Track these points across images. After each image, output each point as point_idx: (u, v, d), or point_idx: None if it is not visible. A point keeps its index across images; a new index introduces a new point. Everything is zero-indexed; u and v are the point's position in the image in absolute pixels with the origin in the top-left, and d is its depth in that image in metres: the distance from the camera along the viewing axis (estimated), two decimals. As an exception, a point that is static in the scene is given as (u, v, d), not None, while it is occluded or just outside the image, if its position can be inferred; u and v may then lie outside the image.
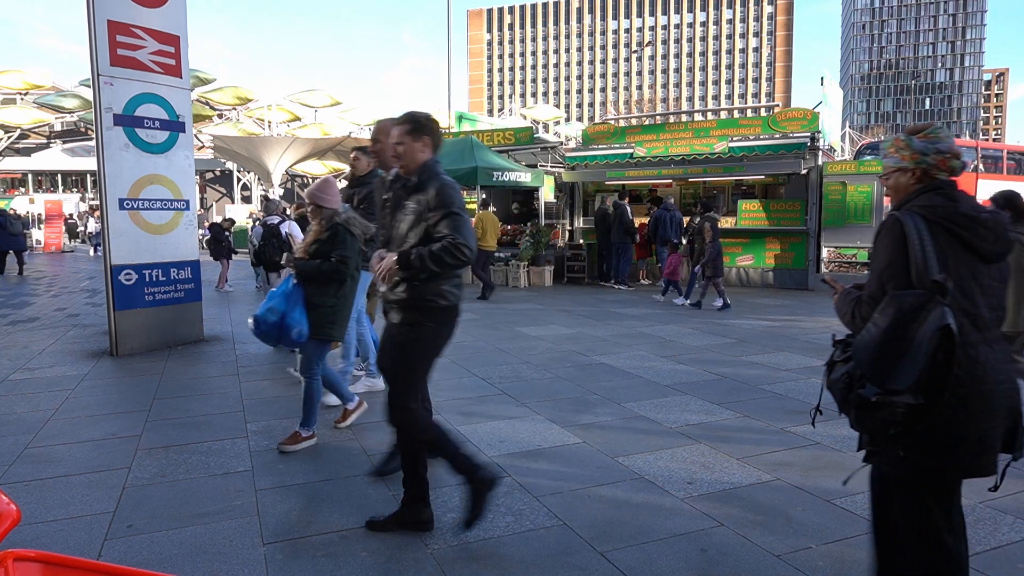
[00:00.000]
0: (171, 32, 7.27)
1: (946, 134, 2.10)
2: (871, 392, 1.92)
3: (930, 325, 1.87)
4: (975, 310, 1.99)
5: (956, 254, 1.99)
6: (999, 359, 2.01)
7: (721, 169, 13.36)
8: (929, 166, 2.06)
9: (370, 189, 4.99)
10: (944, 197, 2.03)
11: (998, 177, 21.78)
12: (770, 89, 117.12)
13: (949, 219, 2.00)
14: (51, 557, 1.26)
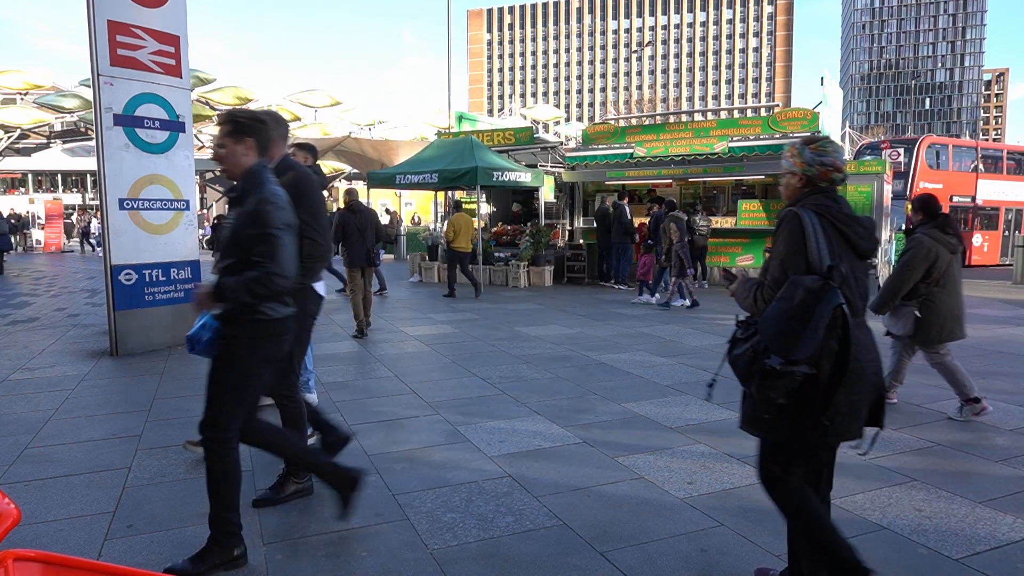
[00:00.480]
0: (171, 32, 7.27)
1: (833, 149, 2.41)
2: (775, 362, 2.15)
3: (826, 305, 2.14)
4: (852, 298, 2.29)
5: (840, 248, 2.31)
6: (867, 341, 2.33)
7: (721, 169, 13.36)
8: (813, 175, 2.39)
9: None
10: (829, 199, 2.37)
11: (998, 177, 21.78)
12: (770, 89, 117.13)
13: (835, 217, 2.33)
14: (51, 557, 1.26)
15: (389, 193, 29.15)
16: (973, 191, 21.22)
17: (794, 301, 2.19)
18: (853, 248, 2.35)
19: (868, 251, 2.39)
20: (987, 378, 5.92)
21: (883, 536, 3.01)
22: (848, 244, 2.34)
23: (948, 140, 23.22)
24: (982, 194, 21.32)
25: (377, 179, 14.54)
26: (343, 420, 4.75)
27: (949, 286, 4.68)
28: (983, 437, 4.34)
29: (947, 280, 4.67)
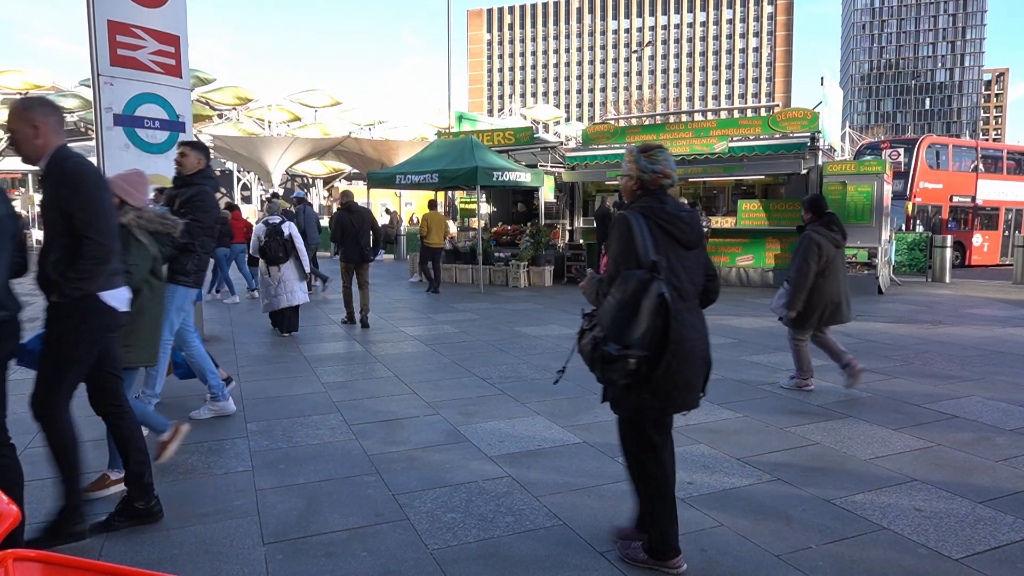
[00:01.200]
0: (171, 32, 7.27)
1: (664, 157, 2.70)
2: (613, 348, 2.46)
3: (651, 295, 2.45)
4: (680, 285, 2.65)
5: (665, 242, 2.62)
6: (696, 321, 2.72)
7: (721, 169, 13.36)
8: (646, 180, 2.70)
9: (197, 191, 4.50)
10: (657, 200, 2.68)
11: (998, 177, 21.76)
12: (770, 89, 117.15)
13: (659, 216, 2.64)
14: (51, 557, 1.26)
15: (389, 193, 29.15)
16: (973, 191, 21.20)
17: (626, 293, 2.48)
18: (678, 241, 2.67)
19: (692, 243, 2.71)
20: (987, 378, 5.92)
21: (883, 536, 3.01)
22: (673, 239, 2.66)
23: (948, 140, 23.18)
24: (982, 194, 21.30)
25: (377, 179, 14.54)
26: (343, 420, 4.75)
27: (830, 276, 5.29)
28: (983, 437, 4.34)
29: (829, 271, 5.28)
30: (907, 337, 7.94)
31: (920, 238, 16.49)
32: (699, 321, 2.76)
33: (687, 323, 2.61)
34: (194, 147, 4.59)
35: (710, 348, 2.81)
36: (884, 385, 5.69)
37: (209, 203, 4.62)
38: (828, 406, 5.06)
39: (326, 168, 40.48)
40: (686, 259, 2.69)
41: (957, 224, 20.97)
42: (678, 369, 2.57)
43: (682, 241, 2.67)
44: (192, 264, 4.51)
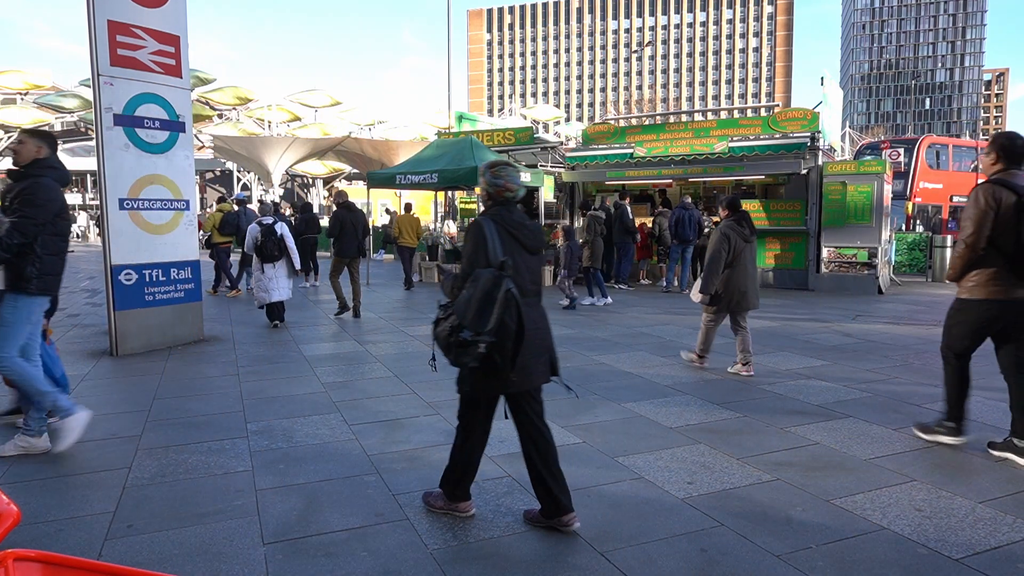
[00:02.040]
0: (171, 32, 7.27)
1: (507, 173, 3.12)
2: (467, 335, 2.83)
3: (500, 290, 2.84)
4: (522, 282, 3.04)
5: (512, 247, 3.04)
6: (535, 314, 3.12)
7: (721, 169, 13.35)
8: (493, 192, 3.13)
9: (30, 184, 3.91)
10: (506, 210, 3.11)
11: None
12: (770, 89, 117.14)
13: (507, 223, 3.07)
14: (51, 557, 1.26)
15: (389, 193, 29.13)
16: None
17: (478, 288, 2.85)
18: (523, 246, 3.09)
19: (535, 248, 3.17)
20: (987, 378, 5.91)
21: (883, 536, 3.01)
22: (519, 243, 3.08)
23: (948, 140, 23.15)
24: None
25: (377, 179, 14.53)
26: (343, 420, 4.76)
27: (739, 267, 6.03)
28: (983, 437, 4.34)
29: (738, 262, 6.03)
30: (907, 337, 7.94)
31: (920, 238, 16.49)
32: (538, 314, 3.18)
33: (528, 316, 2.98)
34: (33, 135, 4.04)
35: (551, 338, 3.29)
36: (884, 385, 5.70)
37: (43, 196, 3.92)
38: (828, 406, 5.06)
39: (326, 168, 40.46)
40: (529, 261, 3.15)
41: (957, 224, 20.97)
42: (520, 355, 2.97)
43: (526, 246, 3.12)
44: (32, 268, 3.91)
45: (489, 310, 2.83)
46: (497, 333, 2.85)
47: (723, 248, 5.97)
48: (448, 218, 20.32)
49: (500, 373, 2.95)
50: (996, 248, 3.83)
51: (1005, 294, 3.88)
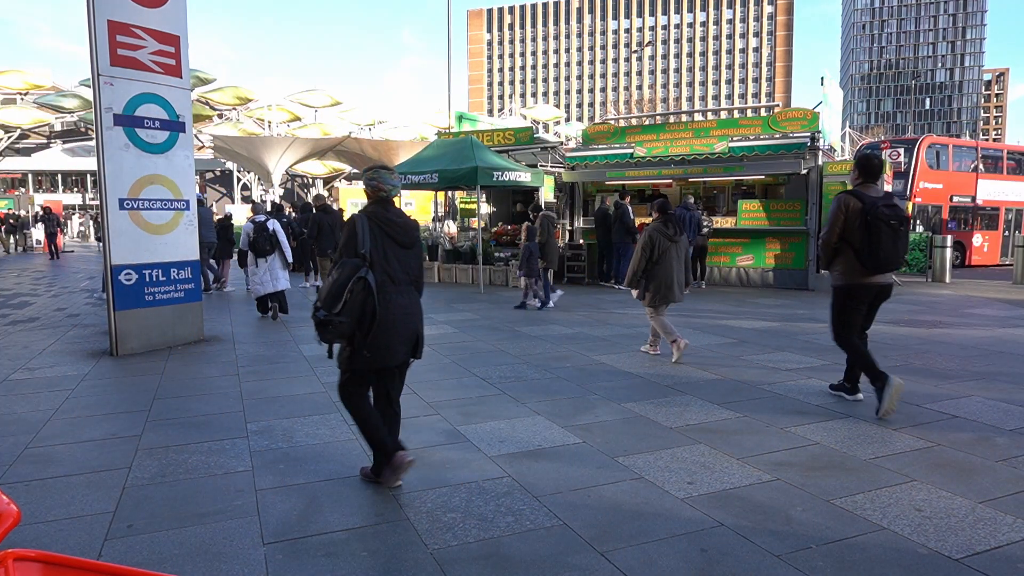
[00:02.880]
0: (171, 32, 7.27)
1: (380, 176, 3.54)
2: (322, 315, 3.27)
3: (359, 277, 3.31)
4: (392, 272, 3.46)
5: (384, 241, 3.45)
6: (404, 302, 3.50)
7: (721, 169, 13.36)
8: (369, 192, 3.58)
9: None
10: (382, 208, 3.53)
11: (998, 177, 21.72)
12: (770, 89, 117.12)
13: (381, 220, 3.47)
14: (51, 557, 1.26)
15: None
16: (973, 191, 21.17)
17: (341, 275, 3.30)
18: (395, 241, 3.50)
19: (406, 243, 3.56)
20: (987, 378, 5.92)
21: (883, 536, 3.01)
22: (390, 238, 3.48)
23: (948, 140, 23.12)
24: (982, 194, 21.27)
25: (377, 179, 14.51)
26: (343, 420, 4.76)
27: (663, 263, 6.66)
28: (983, 437, 4.34)
29: (663, 259, 6.66)
30: (907, 337, 7.94)
31: (920, 238, 16.49)
32: (407, 300, 3.54)
33: (393, 302, 3.44)
34: None
35: (420, 322, 3.64)
36: (884, 385, 5.69)
37: None
38: (828, 406, 5.06)
39: (326, 168, 40.46)
40: (400, 254, 3.52)
41: (957, 224, 20.94)
42: (382, 336, 3.40)
43: (397, 240, 3.51)
44: None
45: (341, 294, 3.28)
46: (348, 315, 3.28)
47: (646, 247, 6.68)
48: (448, 218, 20.33)
49: (370, 350, 3.40)
50: (848, 243, 4.87)
51: (857, 277, 4.93)
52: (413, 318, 3.56)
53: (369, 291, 3.32)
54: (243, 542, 2.99)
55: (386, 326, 3.39)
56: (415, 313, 3.58)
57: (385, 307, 3.38)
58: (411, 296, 3.58)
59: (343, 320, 3.27)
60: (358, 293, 3.30)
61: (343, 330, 3.31)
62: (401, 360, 3.57)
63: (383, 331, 3.39)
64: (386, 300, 3.39)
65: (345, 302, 3.27)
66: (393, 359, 3.50)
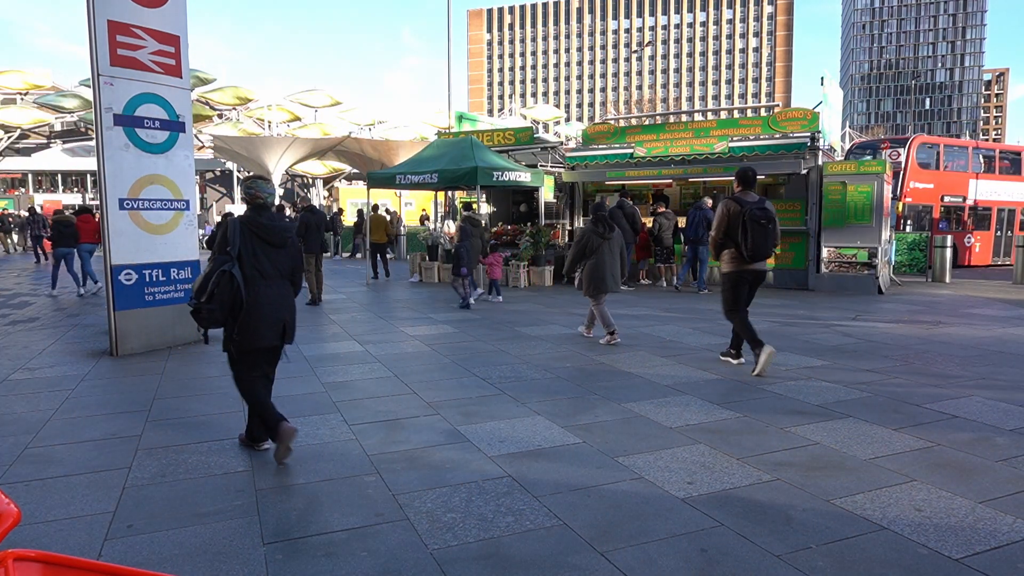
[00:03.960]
0: (171, 32, 7.27)
1: (257, 185, 4.08)
2: (191, 303, 3.84)
3: (224, 271, 3.81)
4: (262, 268, 3.93)
5: (254, 241, 3.93)
6: (273, 293, 3.96)
7: (721, 169, 13.35)
8: (246, 199, 4.10)
9: None
10: (256, 213, 4.01)
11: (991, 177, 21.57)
12: (770, 89, 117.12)
13: (252, 224, 3.95)
14: (51, 557, 1.26)
15: (389, 193, 29.13)
16: (965, 191, 21.05)
17: (209, 270, 3.82)
18: (265, 241, 3.95)
19: (275, 243, 4.00)
20: (987, 378, 5.92)
21: (883, 536, 3.01)
22: (261, 239, 3.94)
23: (940, 139, 22.92)
24: (974, 194, 21.16)
25: (377, 179, 14.53)
26: (343, 420, 4.76)
27: (598, 259, 7.49)
28: (983, 437, 4.35)
29: (597, 255, 7.50)
30: (907, 337, 7.94)
31: (920, 238, 16.49)
32: (276, 292, 3.99)
33: (262, 293, 3.90)
34: None
35: (288, 312, 4.07)
36: (884, 385, 5.70)
37: None
38: (828, 406, 5.06)
39: (326, 168, 40.44)
40: (272, 252, 3.99)
41: (949, 224, 20.80)
42: (250, 322, 3.86)
43: (268, 241, 3.97)
44: None
45: (207, 286, 3.77)
46: (218, 303, 3.77)
47: (578, 244, 7.63)
48: (448, 218, 20.32)
49: (240, 335, 3.88)
50: (731, 239, 6.18)
51: (739, 266, 6.25)
52: (281, 307, 4.01)
53: (234, 283, 3.79)
54: (243, 542, 2.99)
55: (253, 313, 3.86)
56: (284, 303, 4.03)
57: (254, 297, 3.86)
58: (282, 289, 4.04)
59: (212, 308, 3.77)
60: (224, 285, 3.78)
61: (213, 317, 3.80)
62: (268, 344, 3.99)
63: (251, 318, 3.85)
64: (255, 292, 3.87)
65: (211, 293, 3.76)
66: (260, 342, 3.94)
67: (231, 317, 3.83)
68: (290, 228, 4.17)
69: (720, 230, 6.23)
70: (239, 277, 3.80)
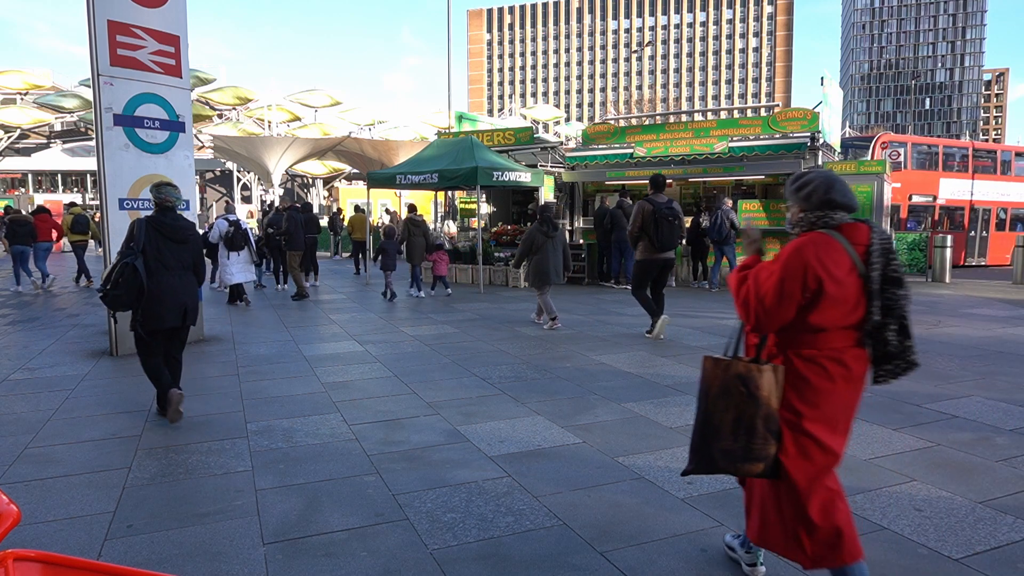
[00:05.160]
0: (171, 32, 7.27)
1: (165, 191, 4.76)
2: (100, 290, 4.53)
3: (127, 263, 4.46)
4: (164, 260, 4.62)
5: (158, 238, 4.62)
6: (174, 282, 4.65)
7: (721, 169, 13.36)
8: (156, 203, 4.81)
9: None
10: (160, 214, 4.72)
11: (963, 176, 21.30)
12: (770, 89, 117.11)
13: (156, 224, 4.65)
14: (51, 557, 1.26)
15: (389, 193, 29.12)
16: (935, 190, 20.76)
17: (116, 262, 4.54)
18: (168, 238, 4.65)
19: (178, 240, 4.71)
20: (987, 378, 5.92)
21: (883, 536, 3.01)
22: (164, 236, 4.63)
23: (907, 138, 22.43)
24: (945, 193, 20.83)
25: (377, 179, 14.52)
26: (343, 420, 4.76)
27: (542, 255, 8.46)
28: (983, 437, 4.35)
29: (541, 252, 8.46)
30: (907, 337, 7.94)
31: (920, 238, 16.48)
32: (177, 282, 4.68)
33: (163, 282, 4.59)
34: None
35: (189, 297, 4.75)
36: (884, 385, 5.69)
37: None
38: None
39: (326, 168, 40.45)
40: (174, 248, 4.68)
41: (918, 223, 20.56)
42: (152, 306, 4.55)
43: (170, 238, 4.65)
44: None
45: (112, 275, 4.44)
46: (124, 290, 4.43)
47: (526, 241, 8.59)
48: (448, 218, 20.32)
49: (143, 317, 4.55)
50: (645, 232, 7.46)
51: (650, 255, 7.57)
52: (182, 294, 4.68)
53: (136, 273, 4.43)
54: (243, 542, 2.99)
55: (154, 299, 4.52)
56: (184, 290, 4.71)
57: (156, 285, 4.52)
58: (183, 279, 4.73)
59: (117, 293, 4.43)
60: (127, 275, 4.42)
61: (120, 302, 4.49)
62: (169, 325, 4.67)
63: (152, 302, 4.52)
64: (157, 281, 4.54)
65: (116, 281, 4.42)
66: (161, 324, 4.62)
67: (136, 302, 4.48)
68: (191, 227, 4.84)
69: (636, 225, 7.51)
70: (141, 268, 4.44)
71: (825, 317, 2.25)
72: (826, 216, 2.35)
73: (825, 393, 2.28)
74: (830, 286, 2.21)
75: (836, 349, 2.28)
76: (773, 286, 2.25)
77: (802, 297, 2.23)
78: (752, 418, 2.23)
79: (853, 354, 2.31)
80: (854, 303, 2.26)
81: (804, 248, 2.27)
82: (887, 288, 2.27)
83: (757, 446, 2.24)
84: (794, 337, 2.30)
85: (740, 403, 2.24)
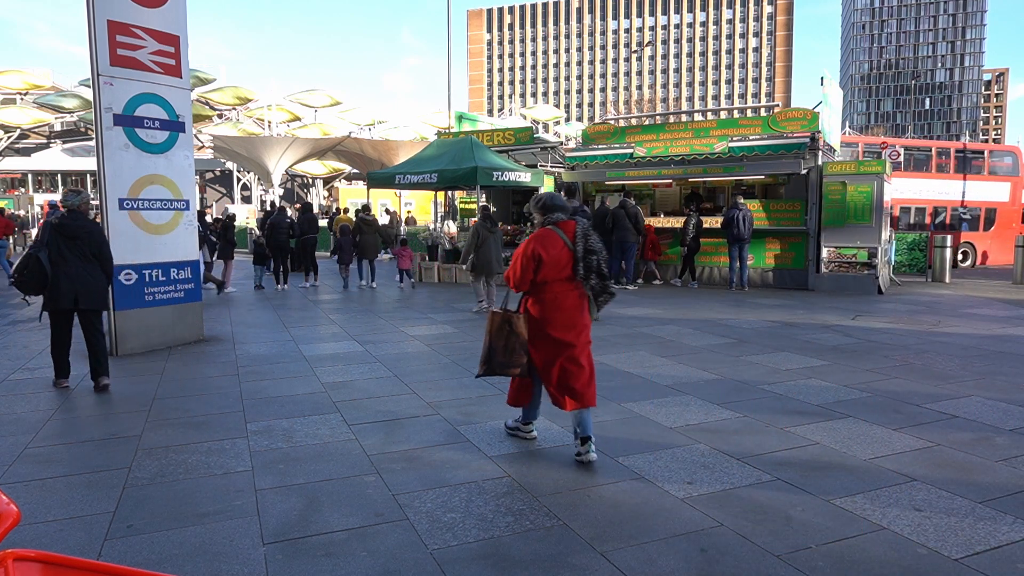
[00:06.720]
0: (171, 32, 7.27)
1: (66, 198, 5.58)
2: (11, 277, 5.58)
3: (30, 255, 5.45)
4: (64, 255, 5.42)
5: (59, 237, 5.41)
6: (71, 271, 5.43)
7: (721, 169, 13.35)
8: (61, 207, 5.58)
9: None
10: (67, 216, 5.50)
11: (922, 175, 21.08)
12: (770, 89, 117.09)
13: (57, 225, 5.41)
14: (51, 557, 1.26)
15: (389, 193, 29.13)
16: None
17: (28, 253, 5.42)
18: (67, 237, 5.41)
19: (73, 236, 5.45)
20: (987, 378, 5.92)
21: (883, 536, 3.01)
22: (63, 235, 5.42)
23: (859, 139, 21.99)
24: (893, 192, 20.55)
25: (377, 179, 14.53)
26: (343, 420, 4.76)
27: (485, 249, 9.52)
28: (983, 437, 4.35)
29: (484, 246, 9.51)
30: (907, 337, 7.94)
31: (920, 238, 16.48)
32: (75, 271, 5.42)
33: (62, 271, 5.36)
34: None
35: (82, 284, 5.46)
36: (884, 385, 5.70)
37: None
38: (828, 406, 5.06)
39: (326, 168, 40.45)
40: (72, 243, 5.43)
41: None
42: (51, 291, 5.38)
43: (67, 235, 5.42)
44: None
45: (28, 267, 5.32)
46: (31, 277, 5.33)
47: (473, 236, 9.57)
48: (448, 218, 20.31)
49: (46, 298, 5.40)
50: None
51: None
52: (76, 281, 5.43)
53: (40, 264, 5.31)
54: (243, 542, 2.99)
55: (54, 284, 5.37)
56: (80, 278, 5.45)
57: (56, 273, 5.35)
58: (85, 268, 5.48)
59: (24, 280, 5.35)
60: (32, 265, 5.33)
61: (27, 286, 5.38)
62: (64, 307, 5.45)
63: (52, 287, 5.37)
64: (57, 270, 5.35)
65: (22, 270, 5.34)
66: (57, 305, 5.43)
67: (42, 287, 5.37)
68: (86, 226, 5.52)
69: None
70: (45, 260, 5.34)
71: (546, 274, 3.87)
72: (550, 217, 3.98)
73: (552, 312, 3.90)
74: (545, 257, 3.83)
75: (555, 292, 3.90)
76: (519, 263, 3.89)
77: (533, 265, 3.85)
78: (513, 343, 3.96)
79: (565, 291, 3.90)
80: (563, 265, 3.86)
81: (533, 239, 3.91)
82: (587, 255, 3.87)
83: (516, 359, 3.99)
84: (536, 287, 3.92)
85: (507, 335, 3.97)
